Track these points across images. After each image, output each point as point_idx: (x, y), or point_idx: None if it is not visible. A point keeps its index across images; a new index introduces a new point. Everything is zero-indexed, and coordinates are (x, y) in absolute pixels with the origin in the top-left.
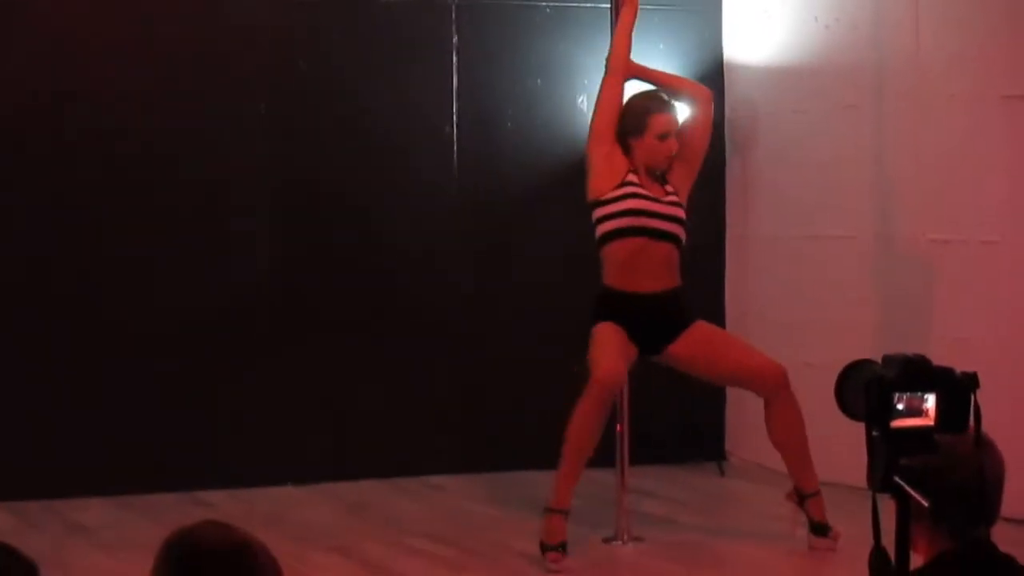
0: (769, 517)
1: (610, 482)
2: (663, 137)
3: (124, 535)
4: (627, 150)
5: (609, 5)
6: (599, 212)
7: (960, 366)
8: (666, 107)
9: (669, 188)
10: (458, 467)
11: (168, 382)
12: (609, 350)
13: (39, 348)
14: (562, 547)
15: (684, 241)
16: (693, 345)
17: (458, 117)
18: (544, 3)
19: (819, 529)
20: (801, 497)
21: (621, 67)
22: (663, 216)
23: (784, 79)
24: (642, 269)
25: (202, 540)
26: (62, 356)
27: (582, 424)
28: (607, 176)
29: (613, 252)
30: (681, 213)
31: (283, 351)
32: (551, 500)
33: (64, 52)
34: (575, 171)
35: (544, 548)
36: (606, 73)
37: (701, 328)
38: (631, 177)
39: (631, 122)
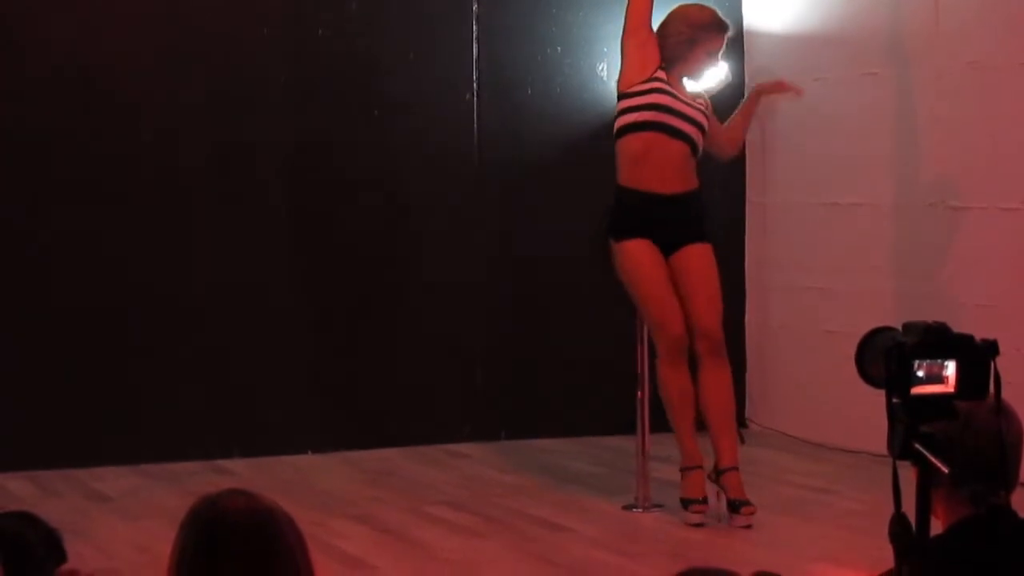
0: (788, 484)
1: (630, 449)
2: (712, 54)
3: (145, 503)
4: (671, 52)
5: None
6: (623, 104)
7: (980, 333)
8: (723, 28)
9: (701, 103)
10: (479, 435)
11: (187, 352)
12: (657, 287)
13: (58, 319)
14: (704, 500)
15: (699, 148)
16: (683, 266)
17: (479, 85)
18: None
19: (734, 505)
20: (717, 471)
21: (640, 14)
22: (685, 116)
23: (803, 47)
24: (655, 166)
25: (227, 508)
26: (82, 327)
27: (670, 385)
28: (638, 68)
29: (627, 144)
30: (701, 117)
31: (302, 320)
32: (682, 460)
33: (88, 25)
34: (596, 138)
35: (685, 503)
36: (626, 17)
37: (699, 253)
38: (659, 73)
39: (690, 30)
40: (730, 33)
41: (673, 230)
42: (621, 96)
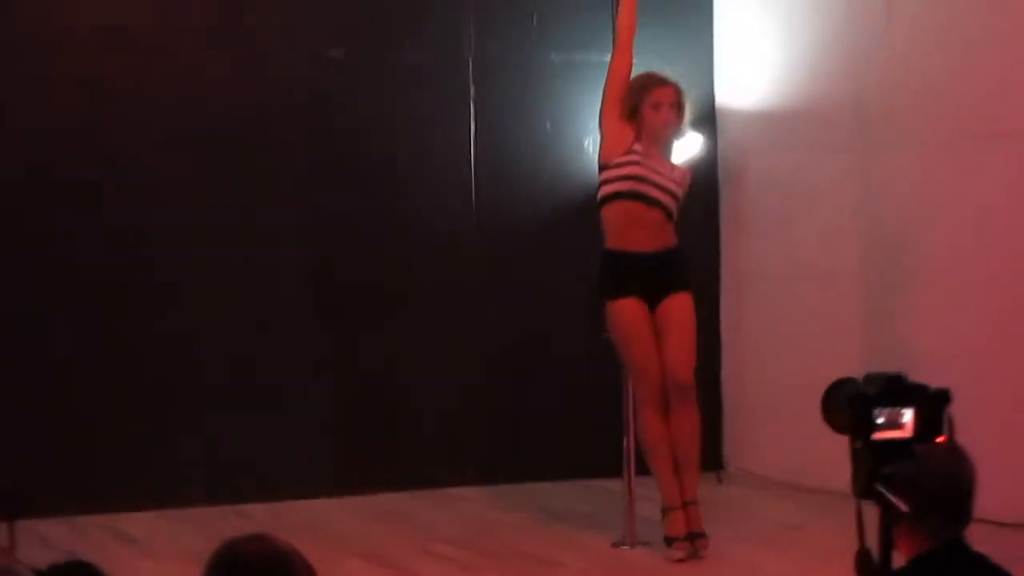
0: (765, 521)
1: (618, 490)
2: (656, 106)
3: (170, 545)
4: (634, 123)
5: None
6: (605, 175)
7: (934, 382)
8: (661, 81)
9: (673, 171)
10: (480, 479)
11: (210, 406)
12: (640, 340)
13: (89, 375)
14: (686, 537)
15: (674, 213)
16: (664, 315)
17: (476, 159)
18: (552, 56)
19: (696, 536)
20: (684, 504)
21: (627, 43)
22: (659, 186)
23: (770, 122)
24: (635, 229)
25: (246, 552)
26: (112, 382)
27: (646, 427)
28: (615, 144)
29: (610, 212)
30: (673, 186)
31: (316, 380)
32: (663, 501)
33: (119, 122)
34: (581, 206)
35: (669, 540)
36: (615, 50)
37: (678, 303)
38: (636, 147)
39: (632, 95)
40: (674, 86)
41: (656, 284)
42: (602, 168)
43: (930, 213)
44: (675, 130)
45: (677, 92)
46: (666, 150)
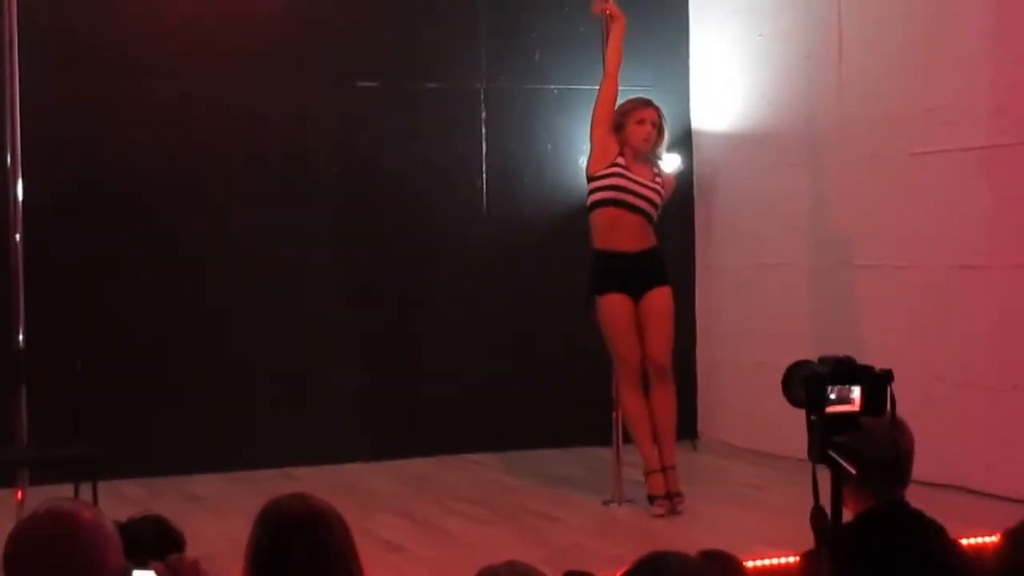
0: (731, 483)
1: (607, 457)
2: (640, 122)
3: (231, 503)
4: (619, 138)
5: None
6: (592, 185)
7: (879, 364)
8: (646, 103)
9: (657, 178)
10: (492, 447)
11: (264, 380)
12: (622, 331)
13: (165, 354)
14: (664, 496)
15: (654, 218)
16: (646, 307)
17: (486, 174)
18: (553, 87)
19: (673, 495)
20: (663, 468)
21: (614, 71)
22: (639, 195)
23: (738, 143)
24: (619, 232)
25: (289, 509)
26: (183, 360)
27: (627, 403)
28: (601, 157)
29: (596, 218)
30: (654, 195)
31: (352, 361)
32: (645, 465)
33: (180, 142)
34: (577, 216)
35: (651, 499)
36: (604, 76)
37: (659, 296)
38: (620, 160)
39: (620, 114)
40: (656, 108)
41: (639, 279)
42: (590, 179)
43: (873, 220)
44: (655, 145)
45: (659, 114)
46: (650, 161)
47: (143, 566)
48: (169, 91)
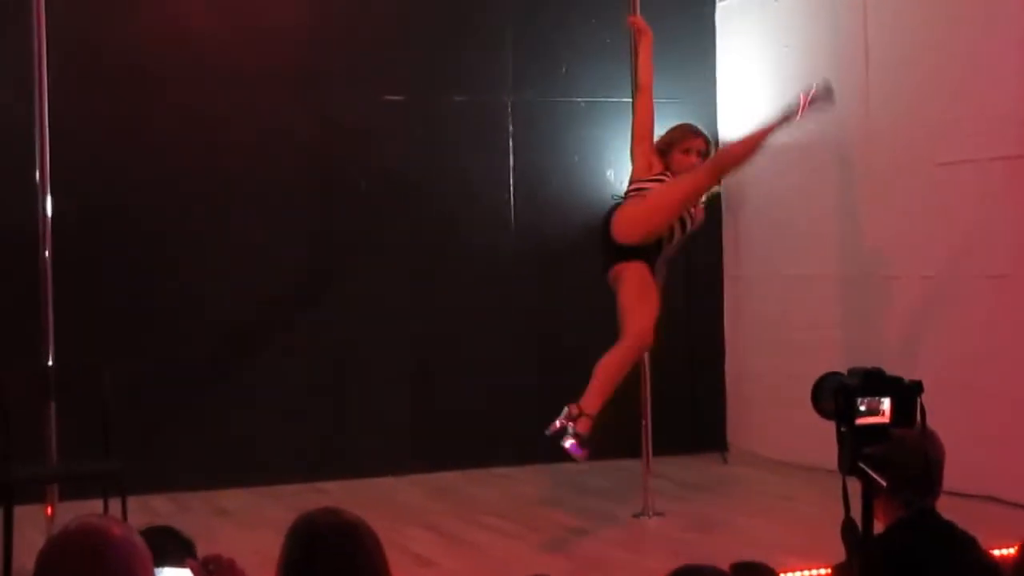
0: (763, 494)
1: (636, 469)
2: (687, 152)
3: (259, 517)
4: (664, 161)
5: (630, 99)
6: (636, 185)
7: (908, 375)
8: (696, 133)
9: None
10: (519, 460)
11: (292, 396)
12: (650, 310)
13: (195, 373)
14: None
15: (676, 236)
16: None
17: (514, 186)
18: (579, 99)
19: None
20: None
21: (647, 85)
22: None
23: (765, 154)
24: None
25: (321, 523)
26: (212, 378)
27: (621, 368)
28: (646, 168)
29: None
30: (687, 218)
31: (381, 377)
32: (585, 407)
33: (211, 150)
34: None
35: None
36: (638, 91)
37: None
38: (666, 175)
39: (667, 141)
40: (704, 137)
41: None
42: (633, 181)
43: (901, 230)
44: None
45: (707, 143)
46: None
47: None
48: (196, 106)
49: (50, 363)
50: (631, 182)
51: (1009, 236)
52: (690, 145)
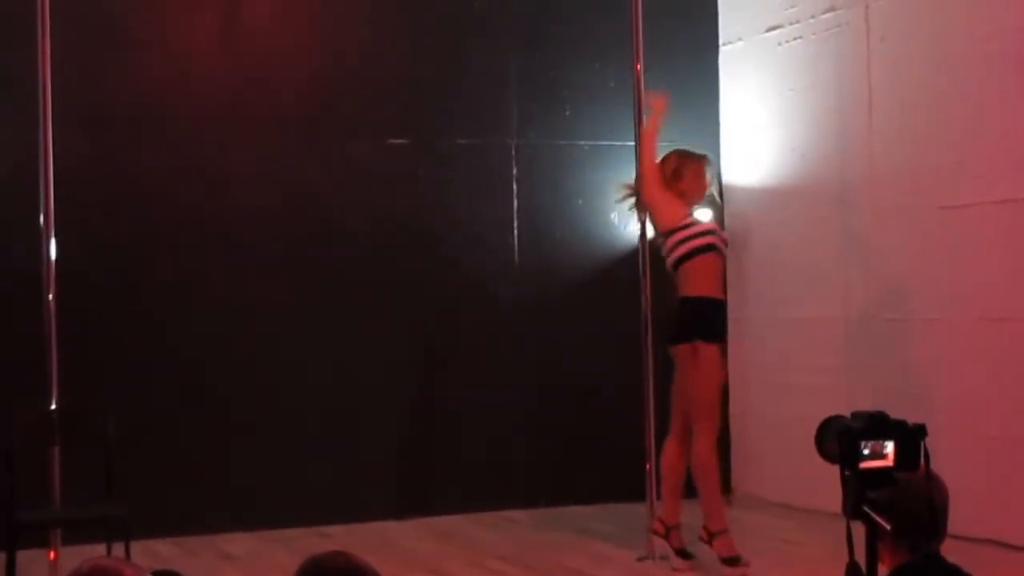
0: (768, 538)
1: (641, 512)
2: (699, 177)
3: (264, 562)
4: (676, 189)
5: (633, 143)
6: (674, 238)
7: (912, 418)
8: (700, 160)
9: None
10: (525, 504)
11: (296, 440)
12: (719, 395)
13: (197, 417)
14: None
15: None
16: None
17: (518, 230)
18: (583, 143)
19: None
20: (713, 534)
21: (654, 177)
22: (714, 233)
23: (770, 197)
24: (717, 278)
25: (329, 566)
26: (215, 423)
27: (711, 463)
28: (672, 209)
29: (697, 266)
30: (725, 235)
31: (382, 421)
32: (714, 525)
33: (209, 197)
34: (609, 270)
35: (732, 561)
36: (641, 186)
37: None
38: (689, 212)
39: (675, 167)
40: (708, 162)
41: (722, 329)
42: (670, 232)
43: (904, 273)
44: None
45: (712, 166)
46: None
47: None
48: (199, 151)
49: (54, 407)
50: (663, 227)
51: (1012, 279)
52: (700, 168)
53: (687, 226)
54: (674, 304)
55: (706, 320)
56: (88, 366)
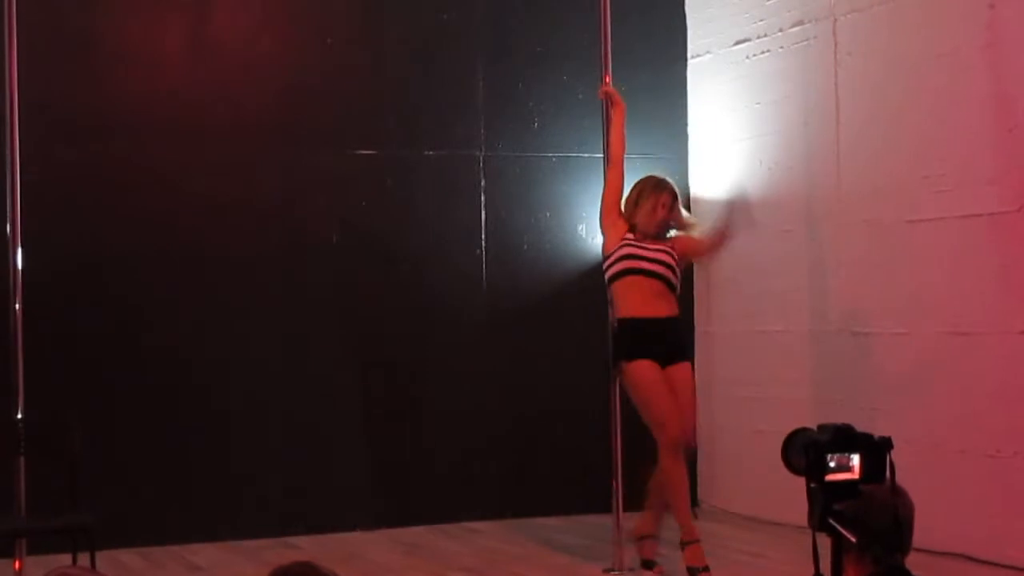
0: (732, 550)
1: (608, 525)
2: (652, 210)
3: (230, 573)
4: (630, 217)
5: (601, 148)
6: (607, 263)
7: (877, 432)
8: (658, 189)
9: (666, 247)
10: (490, 515)
11: (262, 452)
12: (657, 397)
13: (163, 428)
14: (705, 569)
15: (674, 282)
16: (671, 380)
17: (485, 242)
18: (551, 154)
19: (693, 571)
20: (683, 543)
21: (619, 159)
22: (650, 259)
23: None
24: (639, 298)
25: (296, 575)
26: (180, 433)
27: (670, 471)
28: (613, 238)
29: (617, 288)
30: (668, 259)
31: (350, 431)
32: (686, 533)
33: (176, 207)
34: (577, 282)
35: (693, 570)
36: (608, 164)
37: (683, 372)
38: (628, 236)
39: (633, 198)
40: (669, 188)
41: (663, 348)
42: (605, 258)
43: (872, 287)
44: (671, 221)
45: (672, 196)
46: (662, 235)
47: None
48: (166, 161)
49: (19, 416)
50: (604, 255)
51: (977, 294)
52: (655, 203)
53: (616, 250)
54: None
55: (625, 341)
56: (54, 376)
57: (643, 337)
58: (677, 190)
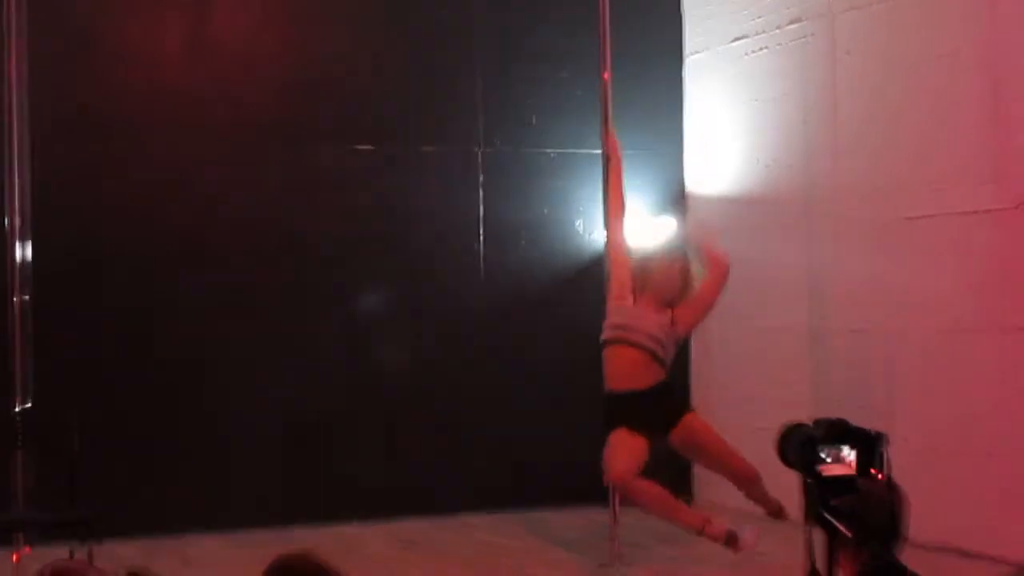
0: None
1: (603, 520)
2: (667, 278)
3: (227, 564)
4: (642, 280)
5: (600, 152)
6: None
7: (873, 427)
8: (672, 258)
9: (667, 317)
10: (488, 508)
11: (264, 444)
12: (620, 453)
13: (163, 423)
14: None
15: (658, 351)
16: (684, 436)
17: (484, 237)
18: (549, 151)
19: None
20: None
21: (619, 213)
22: (641, 331)
23: (733, 206)
24: (621, 370)
25: (295, 565)
26: (180, 428)
27: (640, 491)
28: (618, 295)
29: (605, 356)
30: (660, 333)
31: (351, 426)
32: (698, 528)
33: (179, 201)
34: (573, 276)
35: (727, 541)
36: (609, 218)
37: (691, 421)
38: (626, 303)
39: (644, 267)
40: (682, 256)
41: (656, 412)
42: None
43: (869, 284)
44: (679, 291)
45: (686, 263)
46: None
47: None
48: (169, 156)
49: (18, 409)
50: (617, 318)
51: (974, 290)
52: (671, 271)
53: (612, 313)
54: None
55: (610, 413)
56: (54, 369)
57: (625, 408)
58: (688, 259)
